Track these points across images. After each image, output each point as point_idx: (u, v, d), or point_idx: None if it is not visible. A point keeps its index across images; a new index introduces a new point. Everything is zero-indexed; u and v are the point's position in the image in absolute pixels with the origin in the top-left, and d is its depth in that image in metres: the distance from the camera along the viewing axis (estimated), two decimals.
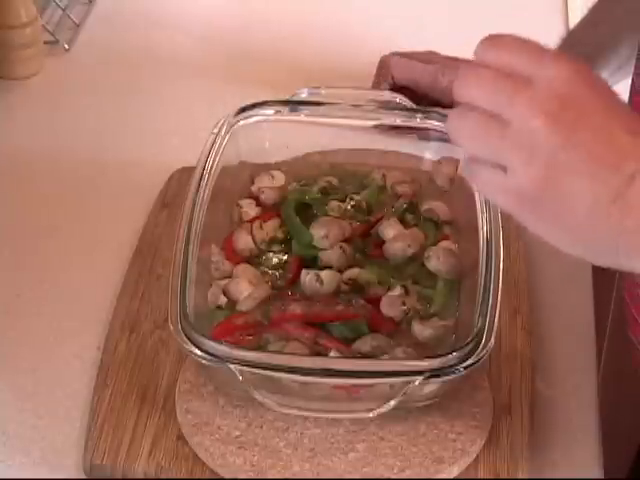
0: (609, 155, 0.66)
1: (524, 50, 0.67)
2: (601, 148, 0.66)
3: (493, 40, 0.68)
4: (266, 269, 0.93)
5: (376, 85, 1.17)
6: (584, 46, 1.11)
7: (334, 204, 0.97)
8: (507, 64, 0.67)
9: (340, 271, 0.91)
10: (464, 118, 0.69)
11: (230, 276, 0.91)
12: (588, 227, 0.67)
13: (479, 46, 0.68)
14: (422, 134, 1.03)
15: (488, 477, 0.81)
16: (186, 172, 1.01)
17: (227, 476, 0.80)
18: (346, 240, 0.93)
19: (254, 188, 1.00)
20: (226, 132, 0.97)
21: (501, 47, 0.68)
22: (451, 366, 0.78)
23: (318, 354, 0.84)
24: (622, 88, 0.86)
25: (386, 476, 0.80)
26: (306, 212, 0.96)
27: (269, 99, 1.00)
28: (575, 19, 1.27)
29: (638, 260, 0.67)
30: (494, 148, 0.68)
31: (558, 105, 0.66)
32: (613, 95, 0.68)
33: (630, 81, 0.91)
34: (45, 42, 1.26)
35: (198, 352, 0.79)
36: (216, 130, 0.96)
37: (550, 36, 0.89)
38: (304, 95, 1.00)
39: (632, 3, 1.07)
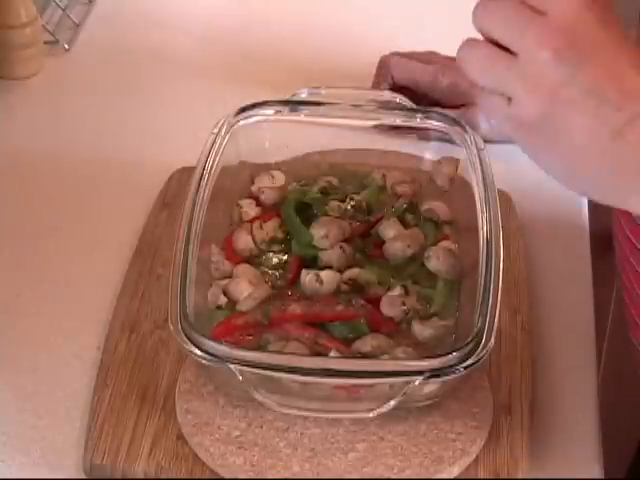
0: (614, 94, 0.66)
1: None
2: (606, 86, 0.66)
3: None
4: (266, 269, 0.92)
5: (376, 85, 1.17)
6: None
7: (334, 204, 0.97)
8: None
9: (340, 271, 0.90)
10: (474, 48, 0.70)
11: (230, 276, 0.91)
12: (582, 161, 0.68)
13: None
14: (422, 134, 1.03)
15: (488, 477, 0.81)
16: (186, 172, 1.01)
17: (227, 476, 0.80)
18: (346, 240, 0.93)
19: (254, 188, 1.00)
20: (226, 132, 0.96)
21: None
22: (451, 366, 0.78)
23: (318, 354, 0.84)
24: None
25: (386, 476, 0.80)
26: (306, 212, 0.96)
27: (269, 99, 1.00)
28: None
29: (637, 200, 0.68)
30: (500, 78, 0.69)
31: (567, 40, 0.66)
32: (623, 33, 0.68)
33: None
34: (45, 42, 1.25)
35: (198, 352, 0.79)
36: (216, 130, 0.96)
37: None
38: (304, 95, 1.00)
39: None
